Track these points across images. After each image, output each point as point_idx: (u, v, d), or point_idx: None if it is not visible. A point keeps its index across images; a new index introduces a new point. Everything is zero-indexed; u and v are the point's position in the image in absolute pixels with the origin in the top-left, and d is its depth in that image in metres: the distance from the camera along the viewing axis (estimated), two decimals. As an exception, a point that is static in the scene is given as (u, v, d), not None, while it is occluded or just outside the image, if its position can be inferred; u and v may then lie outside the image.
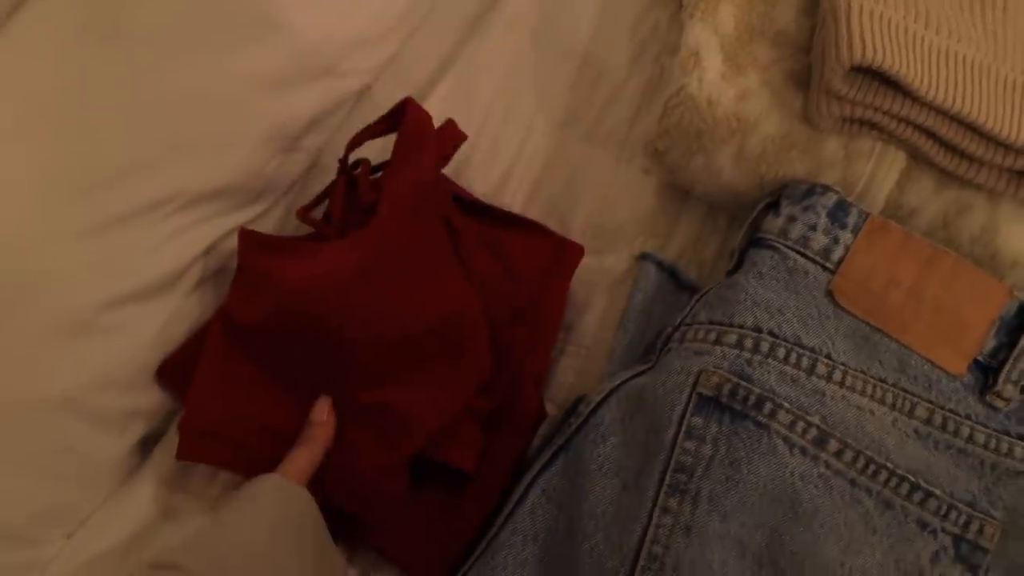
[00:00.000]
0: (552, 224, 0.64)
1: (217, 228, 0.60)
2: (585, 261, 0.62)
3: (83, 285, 0.52)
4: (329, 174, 0.64)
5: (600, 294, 0.61)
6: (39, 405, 0.51)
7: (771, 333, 0.48)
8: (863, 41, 0.47)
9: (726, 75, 0.54)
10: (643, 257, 0.59)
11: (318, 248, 0.54)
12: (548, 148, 0.68)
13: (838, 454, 0.45)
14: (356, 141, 0.58)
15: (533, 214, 0.64)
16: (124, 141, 0.56)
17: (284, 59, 0.63)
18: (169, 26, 0.59)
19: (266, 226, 0.66)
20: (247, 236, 0.56)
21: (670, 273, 0.58)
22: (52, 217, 0.52)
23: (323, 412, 0.52)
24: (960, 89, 0.48)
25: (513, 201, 0.66)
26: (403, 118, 0.55)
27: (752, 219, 0.54)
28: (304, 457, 0.50)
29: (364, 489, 0.49)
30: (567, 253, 0.59)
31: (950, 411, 0.48)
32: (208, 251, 0.60)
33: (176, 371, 0.56)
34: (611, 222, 0.64)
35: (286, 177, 0.67)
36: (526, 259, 0.58)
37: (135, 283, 0.54)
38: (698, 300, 0.52)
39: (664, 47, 0.66)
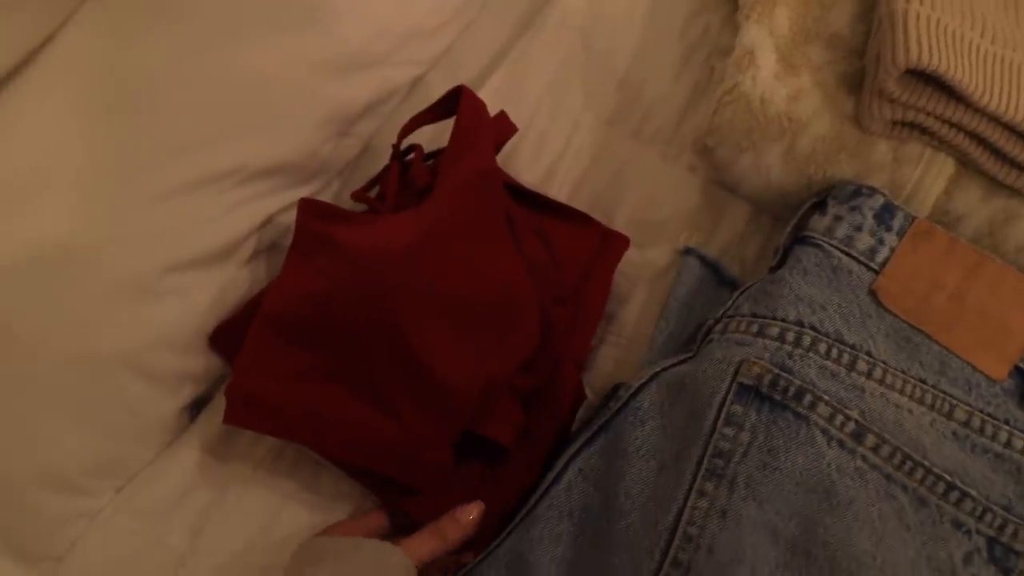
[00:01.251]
0: (596, 217, 0.65)
1: (274, 203, 0.62)
2: (628, 253, 0.63)
3: (147, 249, 0.55)
4: (381, 159, 0.66)
5: (642, 286, 0.62)
6: (100, 361, 0.53)
7: (813, 328, 0.48)
8: (919, 44, 0.47)
9: (779, 75, 0.54)
10: (687, 251, 0.59)
11: (377, 218, 0.55)
12: (594, 144, 0.70)
13: (875, 449, 0.45)
14: (409, 127, 0.60)
15: (578, 206, 0.66)
16: (190, 116, 0.58)
17: (343, 47, 0.65)
18: (235, 9, 0.61)
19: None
20: (307, 204, 0.57)
21: (713, 268, 0.59)
22: (122, 184, 0.55)
23: (469, 515, 0.50)
24: (1014, 96, 0.48)
25: (559, 195, 0.67)
26: (459, 105, 0.57)
27: (798, 218, 0.55)
28: (429, 545, 0.49)
29: (411, 457, 0.50)
30: (612, 243, 0.60)
31: (989, 415, 0.48)
32: (264, 224, 0.62)
33: (227, 337, 0.57)
34: (655, 217, 0.65)
35: (340, 159, 0.69)
36: (572, 247, 0.59)
37: (196, 250, 0.57)
38: (741, 293, 0.53)
39: (715, 49, 0.67)
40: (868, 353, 0.48)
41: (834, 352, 0.48)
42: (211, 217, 0.58)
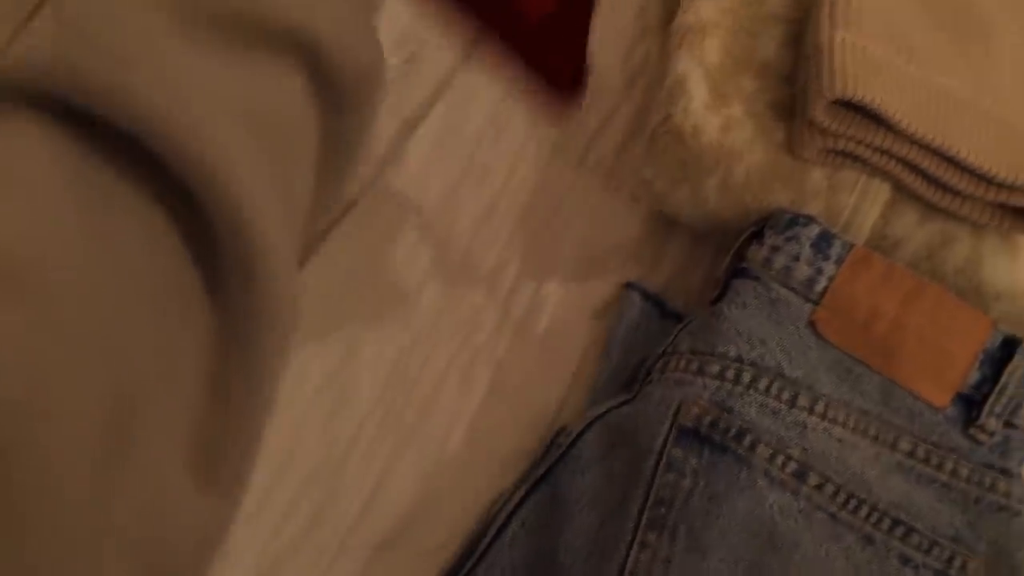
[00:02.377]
0: (540, 251, 0.64)
1: None
2: (570, 289, 0.62)
3: None
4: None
5: (584, 322, 0.61)
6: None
7: (753, 364, 0.48)
8: (845, 74, 0.47)
9: (711, 105, 0.54)
10: (628, 286, 0.58)
11: None
12: (537, 175, 0.69)
13: (819, 488, 0.44)
14: None
15: (521, 240, 0.65)
16: None
17: None
18: None
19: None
20: None
21: (655, 303, 0.58)
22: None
23: None
24: (942, 123, 0.48)
25: (502, 226, 0.66)
26: None
27: (736, 248, 0.54)
28: None
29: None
30: None
31: (933, 444, 0.48)
32: None
33: None
34: (598, 250, 0.64)
35: None
36: None
37: None
38: (681, 329, 0.52)
39: (654, 77, 0.67)
40: (810, 387, 0.48)
41: (775, 388, 0.47)
42: None
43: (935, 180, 0.50)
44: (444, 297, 0.64)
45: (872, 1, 0.51)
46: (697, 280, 0.62)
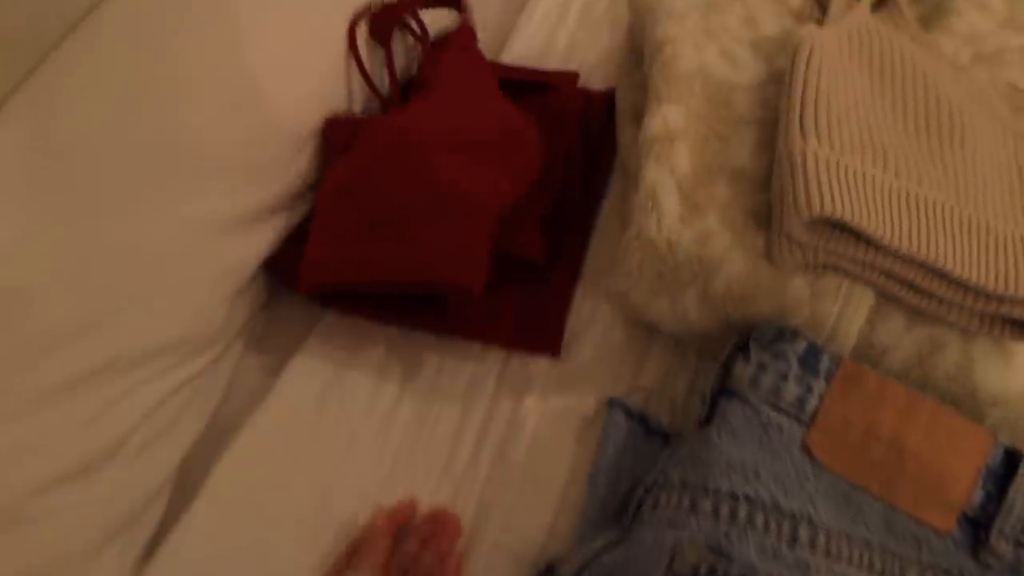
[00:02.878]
0: (518, 360, 0.62)
1: (161, 387, 0.56)
2: (554, 404, 0.59)
3: (13, 471, 0.48)
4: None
5: (569, 438, 0.58)
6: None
7: (748, 499, 0.45)
8: (821, 192, 0.45)
9: (684, 217, 0.52)
10: (611, 404, 0.56)
11: (394, 112, 0.68)
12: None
13: (828, 638, 0.42)
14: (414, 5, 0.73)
15: (496, 354, 0.63)
16: (64, 305, 0.53)
17: (237, 199, 0.61)
18: (111, 176, 0.56)
19: (218, 380, 0.63)
20: (332, 122, 0.67)
21: (640, 420, 0.55)
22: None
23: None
24: (924, 235, 0.47)
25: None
26: (462, 12, 0.74)
27: (721, 362, 0.52)
28: None
29: (448, 268, 0.57)
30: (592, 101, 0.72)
31: (943, 572, 0.45)
32: (152, 413, 0.56)
33: (281, 261, 0.65)
34: (580, 359, 0.61)
35: (239, 319, 0.64)
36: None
37: (69, 462, 0.51)
38: (670, 456, 0.49)
39: (634, 187, 0.65)
40: (809, 520, 0.45)
41: (773, 525, 0.44)
42: (86, 420, 0.52)
43: (921, 289, 0.49)
44: (417, 421, 0.61)
45: (840, 108, 0.50)
46: (681, 387, 0.59)
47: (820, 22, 0.63)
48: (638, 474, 0.51)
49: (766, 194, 0.53)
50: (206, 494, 0.57)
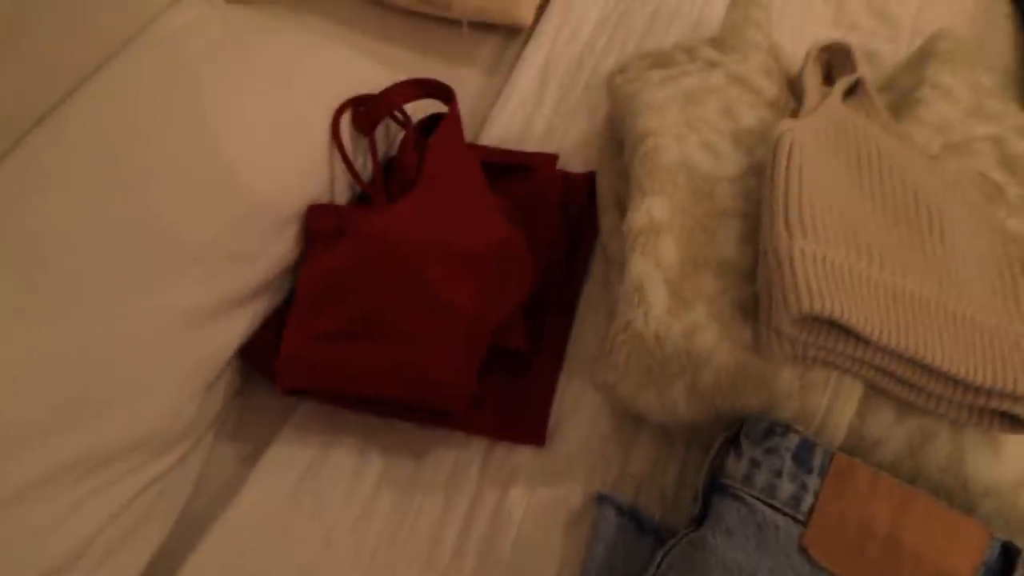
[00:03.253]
0: (502, 447, 0.61)
1: (128, 488, 0.54)
2: (540, 495, 0.58)
3: None
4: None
5: (557, 532, 0.56)
6: None
7: (747, 605, 0.43)
8: (809, 290, 0.45)
9: (672, 309, 0.52)
10: (600, 500, 0.54)
11: (382, 208, 0.66)
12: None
13: None
14: (400, 100, 0.73)
15: (479, 442, 0.61)
16: (24, 404, 0.50)
17: (212, 287, 0.59)
18: (77, 269, 0.55)
19: (187, 476, 0.60)
20: (315, 210, 0.67)
21: (630, 517, 0.53)
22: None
23: None
24: (912, 330, 0.47)
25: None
26: (450, 104, 0.73)
27: (712, 456, 0.51)
28: None
29: (436, 380, 0.57)
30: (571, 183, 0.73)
31: (947, 677, 0.44)
32: (117, 515, 0.53)
33: (256, 349, 0.63)
34: (565, 447, 0.60)
35: (209, 412, 0.62)
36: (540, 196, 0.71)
37: (28, 573, 0.47)
38: (664, 557, 0.47)
39: (617, 274, 0.65)
40: (810, 625, 0.43)
41: (773, 633, 0.43)
42: (47, 525, 0.49)
43: (909, 383, 0.49)
44: (398, 511, 0.58)
45: (823, 203, 0.51)
46: (671, 477, 0.58)
47: (795, 112, 0.65)
48: (630, 573, 0.49)
49: (752, 286, 0.53)
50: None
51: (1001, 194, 0.60)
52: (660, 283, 0.52)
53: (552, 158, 0.77)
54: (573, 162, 0.78)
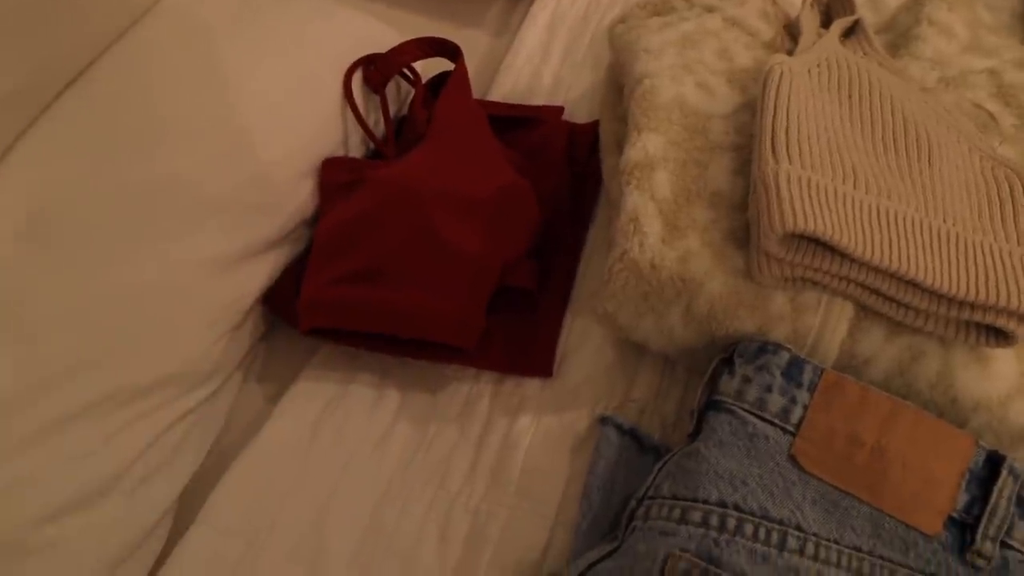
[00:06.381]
0: (512, 381, 0.64)
1: (161, 420, 0.58)
2: (547, 422, 0.61)
3: (13, 503, 0.50)
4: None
5: (564, 456, 0.59)
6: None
7: (736, 507, 0.46)
8: (793, 209, 0.47)
9: (666, 238, 0.54)
10: (603, 421, 0.57)
11: (394, 160, 0.70)
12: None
13: (819, 641, 0.42)
14: (405, 58, 0.77)
15: (489, 375, 0.64)
16: (62, 344, 0.55)
17: (231, 240, 0.63)
18: (106, 223, 0.59)
19: (217, 413, 0.64)
20: (330, 163, 0.70)
21: (632, 436, 0.56)
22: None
23: None
24: (895, 247, 0.49)
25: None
26: (457, 60, 0.76)
27: (708, 378, 0.54)
28: None
29: (445, 329, 0.61)
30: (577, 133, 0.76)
31: (931, 575, 0.46)
32: (152, 445, 0.57)
33: (278, 296, 0.67)
34: (571, 379, 0.63)
35: (235, 354, 0.65)
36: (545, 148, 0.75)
37: (72, 492, 0.52)
38: (660, 469, 0.50)
39: (615, 210, 0.67)
40: (798, 527, 0.46)
41: (762, 532, 0.45)
42: (85, 453, 0.53)
43: (896, 300, 0.50)
44: (414, 440, 0.62)
45: (810, 130, 0.52)
46: (672, 403, 0.61)
47: (792, 53, 0.66)
48: (631, 488, 0.52)
49: (744, 215, 0.55)
50: (203, 519, 0.57)
51: (995, 123, 0.61)
52: (655, 214, 0.55)
53: (558, 110, 0.79)
54: (579, 113, 0.80)
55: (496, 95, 0.84)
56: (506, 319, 0.65)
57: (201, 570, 0.56)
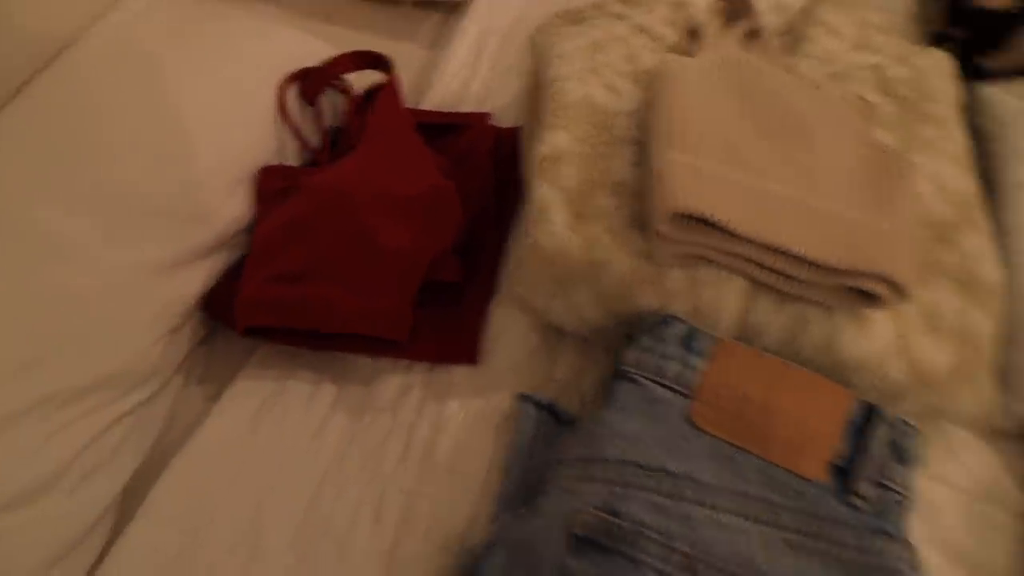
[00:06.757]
0: (443, 369, 0.67)
1: (101, 420, 0.60)
2: (474, 405, 0.65)
3: None
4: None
5: (489, 434, 0.63)
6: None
7: (637, 464, 0.50)
8: (678, 192, 0.52)
9: (572, 226, 0.58)
10: (522, 399, 0.61)
11: (327, 166, 0.74)
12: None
13: (710, 578, 0.46)
14: (337, 70, 0.81)
15: (421, 364, 0.68)
16: (2, 346, 0.57)
17: (169, 245, 0.66)
18: (45, 228, 0.62)
19: (157, 413, 0.67)
20: (267, 171, 0.74)
21: (549, 411, 0.60)
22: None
23: None
24: (774, 224, 0.53)
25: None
26: (389, 73, 0.81)
27: (616, 353, 0.58)
28: None
29: (377, 323, 0.64)
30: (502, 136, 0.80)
31: (816, 517, 0.50)
32: (90, 445, 0.60)
33: (216, 301, 0.70)
34: (497, 364, 0.67)
35: (175, 356, 0.68)
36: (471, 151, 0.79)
37: (11, 490, 0.54)
38: (570, 435, 0.54)
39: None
40: (692, 478, 0.50)
41: (660, 485, 0.49)
42: (26, 452, 0.56)
43: (780, 272, 0.55)
44: (349, 429, 0.65)
45: (699, 123, 0.57)
46: (590, 381, 0.65)
47: (694, 55, 0.72)
48: (547, 458, 0.56)
49: (643, 203, 0.60)
50: (143, 514, 0.60)
51: (875, 113, 0.66)
52: (561, 203, 0.59)
53: (485, 116, 0.83)
54: (506, 118, 0.85)
55: (429, 103, 0.88)
56: (434, 312, 0.69)
57: (141, 564, 0.59)
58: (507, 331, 0.68)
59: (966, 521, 0.59)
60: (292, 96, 0.80)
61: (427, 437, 0.64)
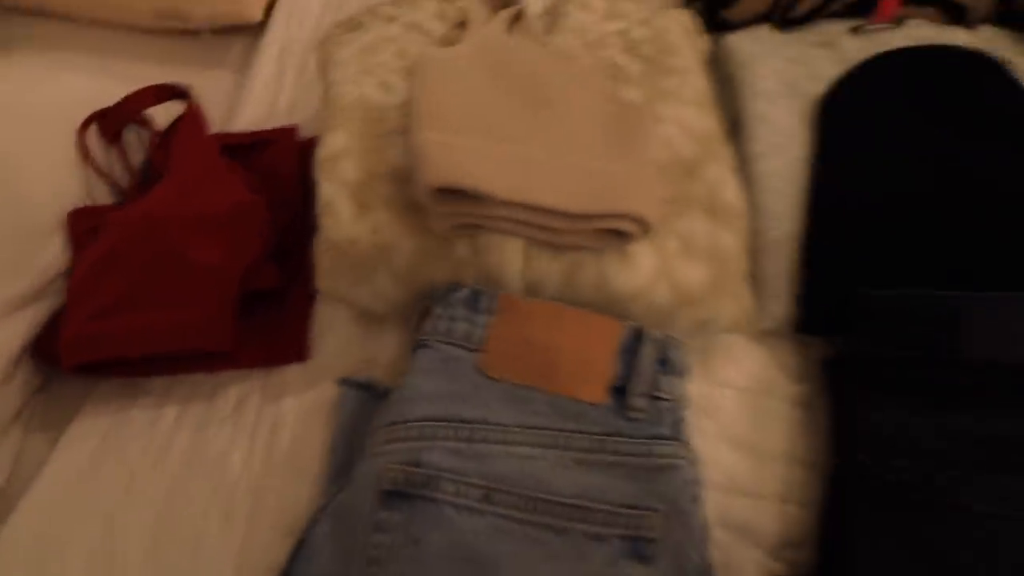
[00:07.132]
0: (278, 372, 0.71)
1: None
2: (308, 398, 0.69)
3: None
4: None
5: (320, 423, 0.67)
6: None
7: (436, 419, 0.55)
8: (432, 168, 0.58)
9: (357, 216, 0.63)
10: (342, 382, 0.66)
11: (134, 201, 0.77)
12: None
13: (506, 504, 0.52)
14: (137, 105, 0.84)
15: (258, 371, 0.71)
16: None
17: None
18: None
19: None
20: (76, 213, 0.77)
21: (367, 389, 0.65)
22: None
23: None
24: (526, 183, 0.60)
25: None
26: (188, 102, 0.84)
27: (414, 325, 0.63)
28: None
29: (200, 337, 0.67)
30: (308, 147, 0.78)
31: (600, 435, 0.57)
32: None
33: (47, 344, 0.72)
34: (325, 357, 0.71)
35: (8, 407, 0.69)
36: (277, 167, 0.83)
37: None
38: (381, 407, 0.59)
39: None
40: (487, 421, 0.56)
41: (456, 432, 0.55)
42: None
43: (544, 227, 0.62)
44: (193, 444, 0.68)
45: (452, 103, 0.63)
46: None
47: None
48: (367, 432, 0.61)
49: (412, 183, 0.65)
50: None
51: (623, 73, 0.74)
52: (345, 197, 0.64)
53: (290, 130, 0.87)
54: (313, 129, 0.89)
55: (241, 124, 0.91)
56: (261, 320, 0.72)
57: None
58: (331, 327, 0.73)
59: (749, 415, 0.67)
60: (94, 138, 0.82)
61: (268, 437, 0.68)
